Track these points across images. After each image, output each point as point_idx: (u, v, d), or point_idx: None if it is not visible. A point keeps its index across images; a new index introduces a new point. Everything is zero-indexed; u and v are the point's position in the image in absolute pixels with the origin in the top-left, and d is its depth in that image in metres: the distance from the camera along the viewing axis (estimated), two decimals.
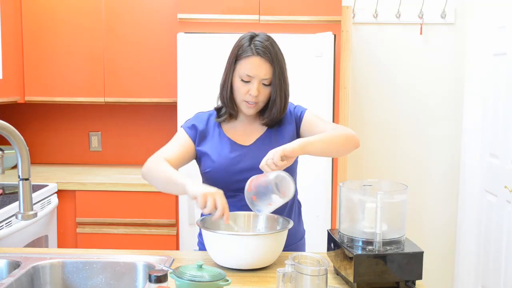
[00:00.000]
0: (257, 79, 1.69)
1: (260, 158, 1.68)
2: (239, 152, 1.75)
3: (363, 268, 1.38)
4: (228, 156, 1.75)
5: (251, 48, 1.69)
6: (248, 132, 1.80)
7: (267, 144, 1.76)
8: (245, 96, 1.71)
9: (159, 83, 3.17)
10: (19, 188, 1.38)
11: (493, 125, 3.09)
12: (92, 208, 2.91)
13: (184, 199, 2.84)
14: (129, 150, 3.53)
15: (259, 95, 1.70)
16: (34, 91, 3.20)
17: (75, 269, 1.61)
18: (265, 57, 1.68)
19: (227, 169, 1.73)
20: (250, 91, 1.69)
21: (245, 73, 1.69)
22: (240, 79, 1.70)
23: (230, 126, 1.82)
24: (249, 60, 1.68)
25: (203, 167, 1.79)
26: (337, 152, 1.78)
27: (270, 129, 1.80)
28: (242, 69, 1.69)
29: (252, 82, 1.69)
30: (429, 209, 3.54)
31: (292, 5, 2.88)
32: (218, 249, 1.54)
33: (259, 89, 1.69)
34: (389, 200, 1.45)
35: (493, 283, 3.05)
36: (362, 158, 3.51)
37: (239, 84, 1.71)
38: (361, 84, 3.46)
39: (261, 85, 1.70)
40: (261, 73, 1.68)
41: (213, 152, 1.76)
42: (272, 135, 1.79)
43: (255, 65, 1.68)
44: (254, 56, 1.68)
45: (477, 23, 3.27)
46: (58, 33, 3.17)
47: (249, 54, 1.68)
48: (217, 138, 1.79)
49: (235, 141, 1.78)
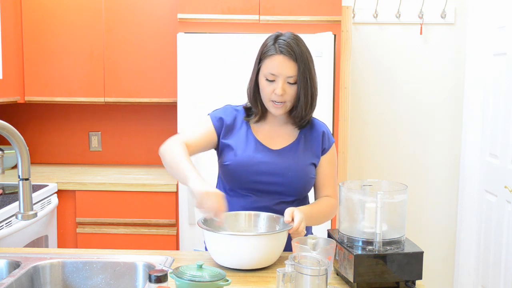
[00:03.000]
0: (282, 77, 1.67)
1: (283, 165, 1.71)
2: (264, 154, 1.74)
3: (363, 268, 1.38)
4: (251, 154, 1.73)
5: (275, 47, 1.67)
6: (276, 136, 1.78)
7: (294, 153, 1.75)
8: (271, 96, 1.69)
9: (159, 83, 3.17)
10: (19, 188, 1.38)
11: (493, 125, 3.10)
12: (92, 208, 2.91)
13: (184, 199, 2.84)
14: (129, 150, 3.53)
15: (284, 94, 1.68)
16: (34, 91, 3.20)
17: (75, 269, 1.61)
18: (288, 55, 1.66)
19: (247, 166, 1.72)
20: (275, 90, 1.67)
21: (269, 72, 1.67)
22: (265, 79, 1.69)
23: (258, 127, 1.80)
24: (273, 59, 1.67)
25: (224, 159, 1.76)
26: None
27: (299, 138, 1.78)
28: (266, 69, 1.68)
29: (277, 81, 1.67)
30: (429, 209, 3.54)
31: (292, 5, 2.88)
32: (219, 249, 1.54)
33: (284, 88, 1.67)
34: (389, 200, 1.45)
35: (493, 283, 3.05)
36: (362, 158, 3.51)
37: (265, 84, 1.69)
38: (361, 84, 3.46)
39: (286, 84, 1.68)
40: (285, 71, 1.66)
41: (237, 147, 1.74)
42: (300, 145, 1.77)
43: (279, 64, 1.66)
44: (278, 55, 1.66)
45: (477, 23, 3.27)
46: (58, 33, 3.17)
47: (272, 53, 1.67)
48: (243, 135, 1.77)
49: (262, 142, 1.76)
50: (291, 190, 1.74)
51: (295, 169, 1.73)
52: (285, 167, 1.72)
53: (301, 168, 1.74)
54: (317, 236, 1.46)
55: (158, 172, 3.22)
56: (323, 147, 1.80)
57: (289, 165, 1.72)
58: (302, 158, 1.75)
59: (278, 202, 1.73)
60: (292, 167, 1.72)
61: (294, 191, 1.75)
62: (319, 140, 1.80)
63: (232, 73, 2.78)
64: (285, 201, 1.74)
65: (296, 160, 1.74)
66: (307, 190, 1.80)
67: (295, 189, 1.74)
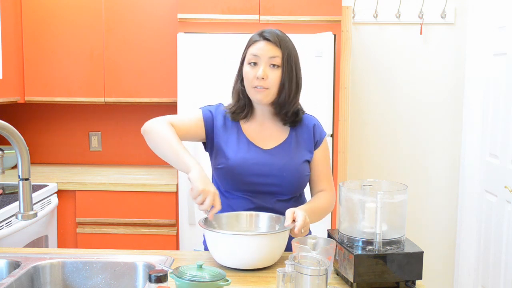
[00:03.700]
0: (264, 59, 1.67)
1: (277, 166, 1.70)
2: (256, 155, 1.72)
3: (363, 268, 1.38)
4: (244, 156, 1.72)
5: (259, 35, 1.70)
6: (267, 134, 1.77)
7: (287, 152, 1.74)
8: (253, 81, 1.68)
9: (159, 83, 3.17)
10: (19, 188, 1.38)
11: (493, 125, 3.10)
12: (92, 208, 2.91)
13: (184, 199, 2.84)
14: (129, 150, 3.53)
15: (267, 78, 1.66)
16: (34, 91, 3.20)
17: (75, 269, 1.61)
18: (273, 40, 1.67)
19: (240, 169, 1.70)
20: (257, 73, 1.66)
21: (252, 54, 1.68)
22: (248, 63, 1.69)
23: (248, 126, 1.78)
24: (256, 44, 1.69)
25: (216, 162, 1.75)
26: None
27: (290, 135, 1.77)
28: (249, 54, 1.69)
29: (259, 64, 1.67)
30: (429, 209, 3.54)
31: (292, 5, 2.88)
32: (221, 249, 1.53)
33: (266, 71, 1.66)
34: (389, 200, 1.45)
35: (493, 283, 3.05)
36: (362, 158, 3.51)
37: (248, 69, 1.69)
38: (361, 84, 3.46)
39: (269, 67, 1.67)
40: (268, 52, 1.66)
41: (228, 149, 1.73)
42: (292, 143, 1.76)
43: (262, 46, 1.67)
44: (262, 40, 1.68)
45: (477, 23, 3.27)
46: (58, 33, 3.17)
47: (256, 39, 1.69)
48: (235, 136, 1.75)
49: (254, 142, 1.75)
50: (287, 189, 1.73)
51: (289, 168, 1.72)
52: (279, 168, 1.71)
53: (295, 167, 1.73)
54: (317, 236, 1.46)
55: (158, 172, 3.22)
56: (315, 140, 1.79)
57: (283, 165, 1.71)
58: (295, 156, 1.74)
59: (275, 201, 1.73)
60: (286, 167, 1.71)
61: (290, 190, 1.74)
62: (310, 134, 1.79)
63: (232, 73, 2.76)
64: (281, 200, 1.74)
65: (289, 159, 1.73)
66: (303, 187, 1.80)
67: (290, 188, 1.74)
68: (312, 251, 1.39)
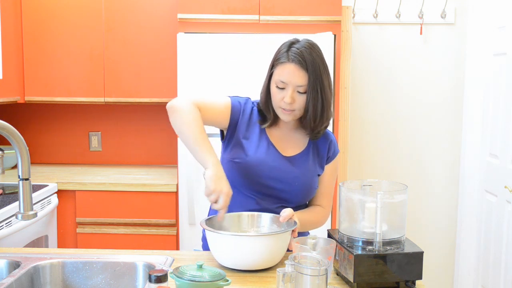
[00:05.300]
0: (291, 86, 1.64)
1: (293, 174, 1.71)
2: (275, 158, 1.73)
3: (363, 268, 1.38)
4: (262, 157, 1.72)
5: (287, 55, 1.65)
6: (288, 140, 1.77)
7: (304, 163, 1.75)
8: (280, 103, 1.67)
9: (159, 83, 3.17)
10: (19, 188, 1.38)
11: (493, 125, 3.10)
12: (92, 208, 2.91)
13: (184, 199, 2.84)
14: (129, 150, 3.53)
15: (293, 103, 1.66)
16: (34, 91, 3.20)
17: (75, 269, 1.61)
18: (299, 64, 1.63)
19: (257, 169, 1.70)
20: (284, 98, 1.65)
21: (280, 80, 1.65)
22: (276, 86, 1.67)
23: (272, 129, 1.78)
24: (284, 67, 1.65)
25: (233, 155, 1.74)
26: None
27: (308, 145, 1.77)
28: (277, 76, 1.66)
29: (286, 89, 1.65)
30: (429, 209, 3.54)
31: (292, 5, 2.88)
32: (222, 250, 1.53)
33: (293, 96, 1.65)
34: (389, 200, 1.45)
35: (493, 283, 3.05)
36: (362, 158, 3.51)
37: (275, 91, 1.68)
38: (361, 84, 3.46)
39: (296, 92, 1.65)
40: (295, 80, 1.64)
41: (249, 146, 1.73)
42: (310, 154, 1.77)
43: (289, 72, 1.64)
44: (289, 63, 1.64)
45: (477, 23, 3.27)
46: (58, 33, 3.17)
47: (284, 60, 1.65)
48: (257, 135, 1.75)
49: (275, 145, 1.75)
50: (295, 198, 1.75)
51: (303, 179, 1.73)
52: (294, 176, 1.72)
53: (308, 179, 1.74)
54: (317, 236, 1.46)
55: (158, 172, 3.22)
56: (328, 155, 1.80)
57: (298, 174, 1.72)
58: (311, 168, 1.75)
59: (279, 207, 1.73)
60: (301, 177, 1.73)
61: (297, 199, 1.76)
62: (325, 150, 1.79)
63: (232, 73, 2.78)
64: (286, 206, 1.73)
65: (305, 170, 1.74)
66: (309, 198, 1.82)
67: (298, 198, 1.75)
68: (312, 251, 1.39)
